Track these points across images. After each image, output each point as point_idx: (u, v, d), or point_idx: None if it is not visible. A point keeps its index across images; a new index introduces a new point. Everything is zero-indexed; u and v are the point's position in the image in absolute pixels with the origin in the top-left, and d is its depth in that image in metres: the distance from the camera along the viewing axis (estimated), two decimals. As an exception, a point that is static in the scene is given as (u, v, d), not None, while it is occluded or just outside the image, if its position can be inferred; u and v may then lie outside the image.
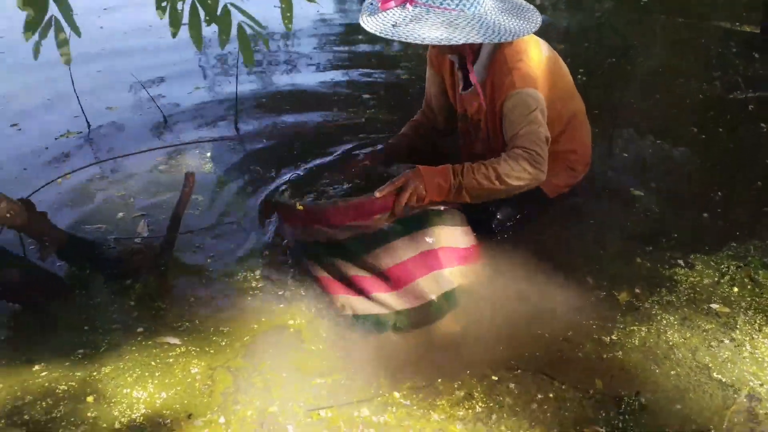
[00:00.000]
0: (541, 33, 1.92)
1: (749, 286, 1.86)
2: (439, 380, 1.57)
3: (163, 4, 1.63)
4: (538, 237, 2.04)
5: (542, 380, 1.56)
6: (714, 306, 1.78)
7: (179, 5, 1.65)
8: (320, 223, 1.86)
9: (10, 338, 1.74)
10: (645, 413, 1.47)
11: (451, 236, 1.86)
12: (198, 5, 1.62)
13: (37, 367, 1.63)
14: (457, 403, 1.51)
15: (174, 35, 1.66)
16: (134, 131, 2.89)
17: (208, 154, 2.69)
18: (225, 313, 1.80)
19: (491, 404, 1.50)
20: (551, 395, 1.53)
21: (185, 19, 1.65)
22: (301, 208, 1.89)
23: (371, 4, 1.86)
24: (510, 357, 1.63)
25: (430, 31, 1.70)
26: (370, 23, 1.77)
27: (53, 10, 1.54)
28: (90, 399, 1.55)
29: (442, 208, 1.87)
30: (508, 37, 1.74)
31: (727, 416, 1.46)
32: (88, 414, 1.51)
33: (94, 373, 1.61)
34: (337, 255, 1.83)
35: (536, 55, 1.90)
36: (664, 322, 1.74)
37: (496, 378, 1.57)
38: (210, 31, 1.73)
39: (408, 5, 1.74)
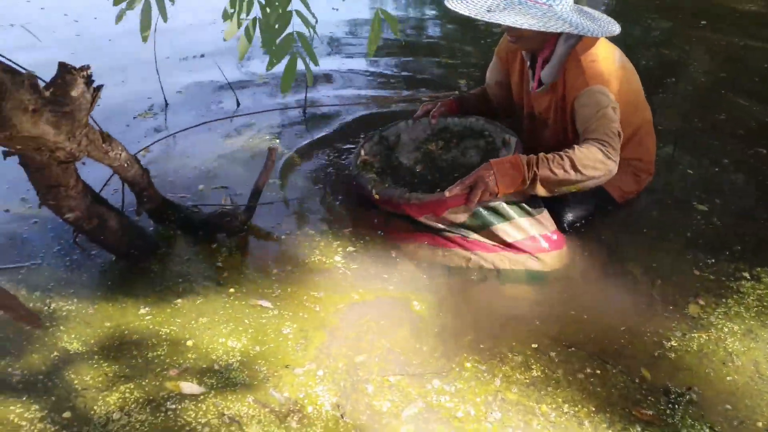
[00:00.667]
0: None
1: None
2: (504, 350, 1.72)
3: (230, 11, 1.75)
4: (605, 239, 2.16)
5: (595, 362, 1.69)
6: (782, 320, 1.88)
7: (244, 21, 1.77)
8: (396, 210, 2.05)
9: (115, 284, 1.92)
10: (694, 407, 1.57)
11: (533, 225, 2.01)
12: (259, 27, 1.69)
13: (142, 311, 1.80)
14: (515, 371, 1.66)
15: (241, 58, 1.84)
16: (207, 106, 3.08)
17: (281, 128, 2.89)
18: (316, 281, 1.94)
19: (545, 375, 1.65)
20: (601, 375, 1.65)
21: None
22: (377, 197, 2.06)
23: None
24: (568, 337, 1.77)
25: (524, 18, 1.85)
26: (461, 6, 1.93)
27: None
28: (189, 343, 1.71)
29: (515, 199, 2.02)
30: (593, 34, 1.89)
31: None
32: (188, 355, 1.67)
33: (192, 322, 1.78)
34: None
35: (608, 61, 2.03)
36: (726, 330, 1.82)
37: (553, 354, 1.71)
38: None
39: None
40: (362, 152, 2.30)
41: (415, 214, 2.01)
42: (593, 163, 1.87)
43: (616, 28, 1.98)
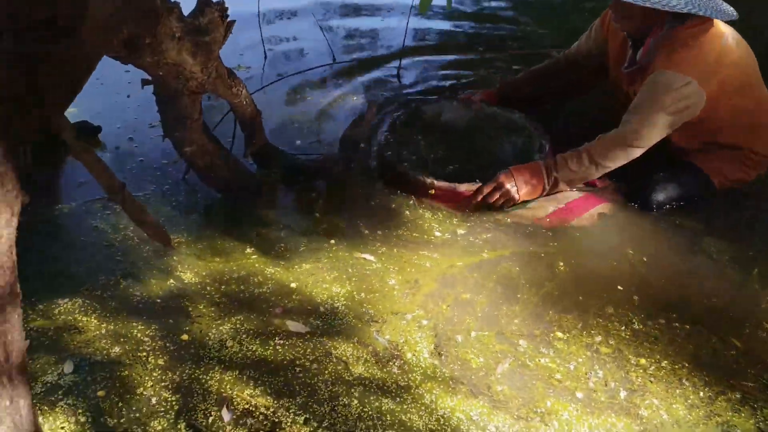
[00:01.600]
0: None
1: None
2: (599, 309, 1.76)
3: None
4: (696, 223, 2.08)
5: (692, 326, 1.71)
6: None
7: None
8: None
9: (221, 223, 2.01)
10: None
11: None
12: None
13: (248, 251, 1.89)
14: (612, 327, 1.70)
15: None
16: (303, 60, 3.14)
17: (377, 83, 2.93)
18: (417, 242, 1.97)
19: (643, 332, 1.69)
20: (698, 339, 1.68)
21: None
22: (431, 192, 2.08)
23: None
24: (664, 300, 1.80)
25: None
26: None
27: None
28: (293, 285, 1.78)
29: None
30: (708, 13, 1.84)
31: None
32: (293, 296, 1.74)
33: (296, 266, 1.85)
34: None
35: (710, 47, 1.92)
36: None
37: (650, 314, 1.74)
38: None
39: None
40: (394, 123, 2.30)
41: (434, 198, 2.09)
42: (613, 154, 1.94)
43: (733, 12, 1.90)
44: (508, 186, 1.97)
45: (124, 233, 1.91)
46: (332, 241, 1.96)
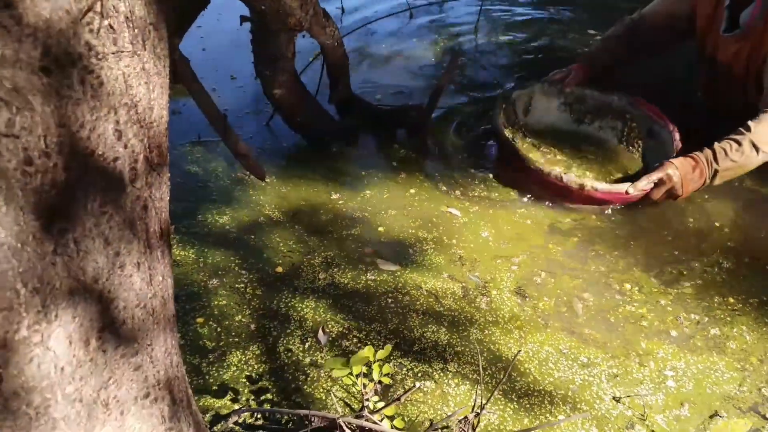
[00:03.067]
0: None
1: None
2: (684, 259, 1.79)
3: None
4: None
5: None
6: None
7: None
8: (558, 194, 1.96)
9: (307, 168, 2.10)
10: None
11: None
12: None
13: (334, 196, 1.97)
14: (696, 273, 1.74)
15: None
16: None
17: (457, 36, 2.96)
18: (505, 204, 2.01)
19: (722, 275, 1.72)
20: None
21: None
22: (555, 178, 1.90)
23: None
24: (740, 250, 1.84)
25: None
26: None
27: None
28: (381, 229, 1.86)
29: None
30: None
31: None
32: (381, 239, 1.82)
33: (381, 212, 1.92)
34: None
35: None
36: None
37: (725, 261, 1.80)
38: None
39: None
40: (502, 119, 2.14)
41: (582, 200, 1.93)
42: None
43: None
44: (672, 185, 1.82)
45: (215, 174, 2.03)
46: (412, 191, 2.02)
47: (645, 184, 1.82)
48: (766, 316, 1.62)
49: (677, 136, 1.99)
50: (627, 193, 1.82)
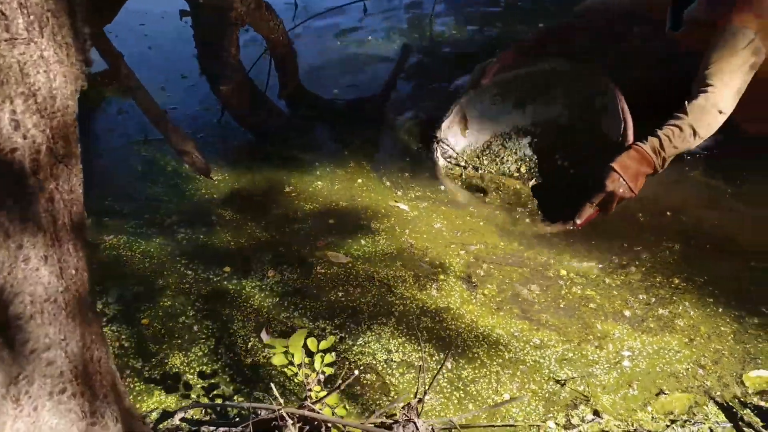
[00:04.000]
0: None
1: None
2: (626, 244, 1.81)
3: None
4: (724, 171, 2.09)
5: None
6: None
7: None
8: None
9: (258, 163, 2.10)
10: None
11: None
12: None
13: (287, 189, 1.98)
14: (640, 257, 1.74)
15: None
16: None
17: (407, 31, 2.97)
18: (446, 195, 2.05)
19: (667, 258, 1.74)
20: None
21: None
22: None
23: None
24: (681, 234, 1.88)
25: None
26: None
27: None
28: (331, 221, 1.86)
29: None
30: None
31: None
32: (332, 231, 1.82)
33: (332, 204, 1.94)
34: None
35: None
36: None
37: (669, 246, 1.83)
38: None
39: None
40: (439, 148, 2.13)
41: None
42: (710, 122, 1.81)
43: None
44: (620, 191, 1.84)
45: (164, 172, 2.02)
46: (359, 181, 2.04)
47: (588, 210, 1.88)
48: (709, 295, 1.66)
49: (619, 95, 1.98)
50: (576, 224, 1.87)
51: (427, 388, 1.28)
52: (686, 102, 1.81)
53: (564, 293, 1.66)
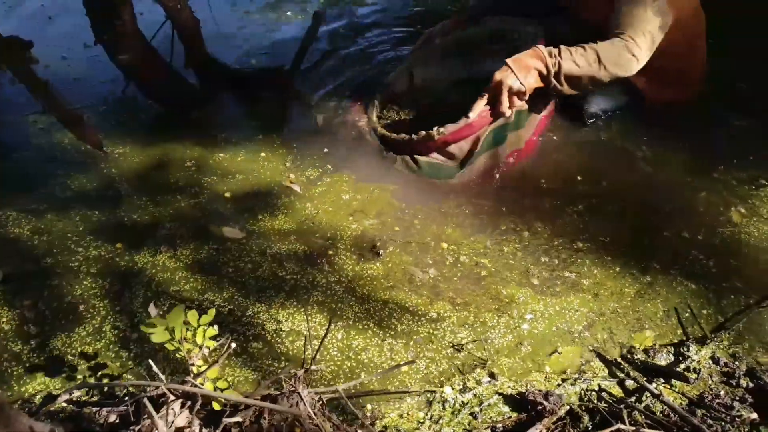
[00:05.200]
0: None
1: None
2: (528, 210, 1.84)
3: None
4: (627, 134, 2.13)
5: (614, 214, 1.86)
6: None
7: None
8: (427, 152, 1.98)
9: (162, 135, 2.08)
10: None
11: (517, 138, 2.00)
12: None
13: (188, 163, 1.96)
14: (540, 222, 1.79)
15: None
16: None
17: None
18: (349, 165, 2.01)
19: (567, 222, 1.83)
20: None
21: None
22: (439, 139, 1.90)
23: None
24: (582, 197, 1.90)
25: None
26: None
27: None
28: (227, 195, 1.87)
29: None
30: None
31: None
32: (228, 205, 1.83)
33: (230, 177, 1.93)
34: None
35: None
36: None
37: (570, 208, 1.83)
38: None
39: None
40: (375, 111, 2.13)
41: (451, 139, 1.92)
42: (618, 59, 1.82)
43: None
44: (509, 81, 1.81)
45: (62, 146, 1.99)
46: (263, 154, 2.02)
47: (479, 104, 1.85)
48: (609, 254, 1.73)
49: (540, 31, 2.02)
50: (469, 118, 1.84)
51: (313, 356, 1.32)
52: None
53: (462, 262, 1.70)
